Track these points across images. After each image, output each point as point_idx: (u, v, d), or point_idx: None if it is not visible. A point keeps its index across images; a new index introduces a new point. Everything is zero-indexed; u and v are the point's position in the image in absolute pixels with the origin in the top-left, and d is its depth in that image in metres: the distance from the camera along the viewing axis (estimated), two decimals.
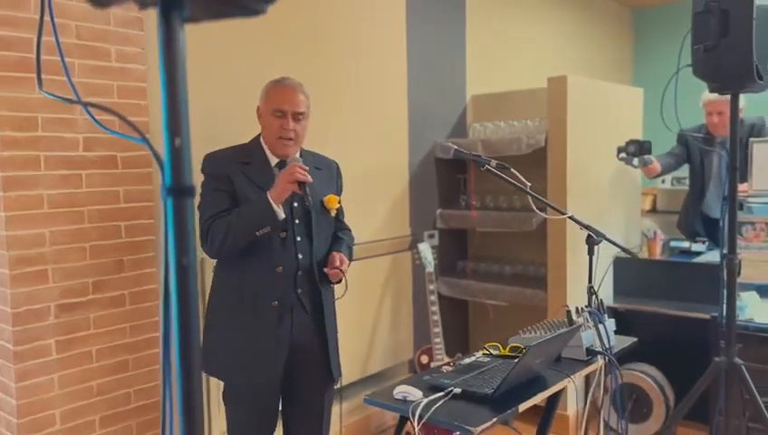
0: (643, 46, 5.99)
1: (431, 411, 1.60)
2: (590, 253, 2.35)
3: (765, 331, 2.99)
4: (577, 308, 2.08)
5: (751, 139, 3.17)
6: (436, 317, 3.31)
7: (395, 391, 1.73)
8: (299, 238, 2.15)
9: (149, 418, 2.47)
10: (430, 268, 3.39)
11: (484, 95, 4.06)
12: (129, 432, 2.40)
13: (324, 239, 2.24)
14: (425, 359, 3.43)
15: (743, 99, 3.48)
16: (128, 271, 2.37)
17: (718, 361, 2.71)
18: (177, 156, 0.89)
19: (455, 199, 3.95)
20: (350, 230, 2.43)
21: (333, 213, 2.25)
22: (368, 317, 3.48)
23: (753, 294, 3.19)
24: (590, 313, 2.05)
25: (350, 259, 2.28)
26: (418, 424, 1.55)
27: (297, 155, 2.20)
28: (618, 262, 3.72)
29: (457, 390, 1.71)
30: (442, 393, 1.70)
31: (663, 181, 5.20)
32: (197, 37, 2.47)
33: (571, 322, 2.02)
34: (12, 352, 2.11)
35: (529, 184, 2.21)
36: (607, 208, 3.68)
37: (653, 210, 5.23)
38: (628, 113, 3.77)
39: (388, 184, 3.59)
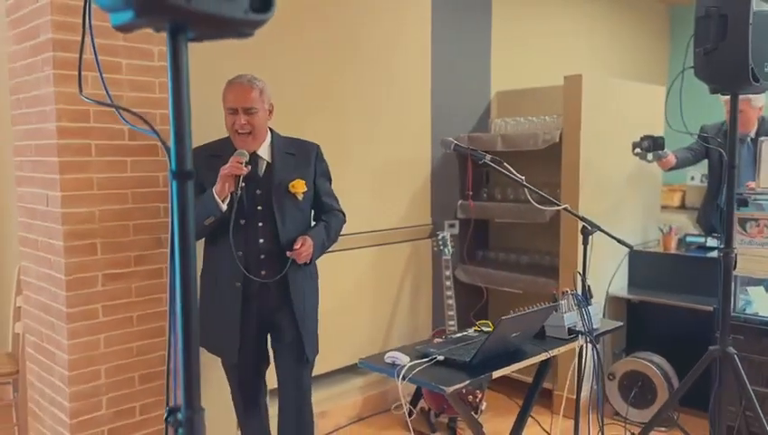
0: (679, 44, 5.99)
1: (413, 373, 1.83)
2: (585, 242, 2.52)
3: None
4: (563, 292, 2.26)
5: (760, 137, 3.24)
6: (451, 301, 3.52)
7: (385, 356, 1.96)
8: (260, 224, 2.33)
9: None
10: (447, 255, 3.59)
11: (508, 91, 4.22)
12: (162, 391, 2.71)
13: (293, 222, 2.37)
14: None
15: (762, 98, 3.57)
16: (165, 247, 2.67)
17: (712, 349, 2.83)
18: (181, 148, 1.15)
19: (477, 191, 4.13)
20: (340, 211, 2.56)
21: (300, 197, 2.37)
22: (387, 299, 3.72)
23: (761, 290, 3.28)
24: (573, 296, 2.22)
25: (328, 240, 2.44)
26: (402, 384, 1.78)
27: (266, 142, 2.39)
28: (633, 255, 3.85)
29: (440, 357, 1.93)
30: (426, 359, 1.92)
31: (692, 178, 5.24)
32: (240, 44, 2.75)
33: (556, 302, 2.20)
34: (65, 313, 2.43)
35: (523, 177, 2.38)
36: (622, 202, 3.80)
37: (681, 207, 5.28)
38: (650, 111, 3.87)
39: (410, 176, 3.81)
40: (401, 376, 1.83)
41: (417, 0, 3.78)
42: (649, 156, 3.40)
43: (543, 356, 2.05)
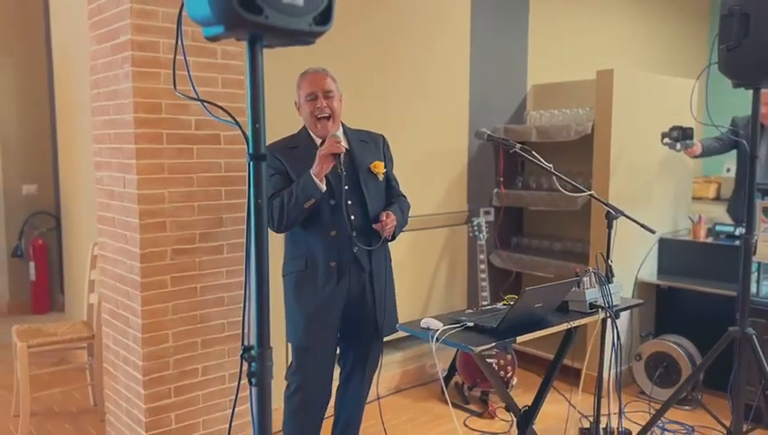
0: None
1: (445, 336, 2.07)
2: (609, 226, 2.72)
3: None
4: (586, 270, 2.47)
5: None
6: (485, 283, 3.74)
7: (421, 322, 2.21)
8: (350, 202, 2.45)
9: (239, 345, 3.07)
10: (482, 240, 3.81)
11: (543, 85, 4.40)
12: (223, 355, 3.01)
13: (377, 200, 2.52)
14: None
15: None
16: (226, 226, 2.97)
17: (732, 330, 2.99)
18: (257, 135, 1.42)
19: (512, 180, 4.34)
20: (404, 197, 2.71)
21: (381, 177, 2.54)
22: (424, 281, 3.96)
23: None
24: (594, 274, 2.42)
25: (404, 219, 2.60)
26: (435, 345, 2.03)
27: (340, 132, 2.51)
28: (662, 242, 4.00)
29: (470, 323, 2.17)
30: (458, 325, 2.16)
31: (728, 170, 5.32)
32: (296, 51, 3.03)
33: (579, 280, 2.41)
34: (139, 283, 2.75)
35: (550, 165, 2.59)
36: (653, 192, 3.95)
37: (717, 198, 5.37)
38: (681, 103, 3.99)
39: (448, 165, 4.04)
40: (435, 338, 2.08)
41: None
42: (678, 145, 3.54)
43: (565, 326, 2.26)
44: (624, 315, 3.85)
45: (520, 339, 2.12)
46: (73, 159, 4.36)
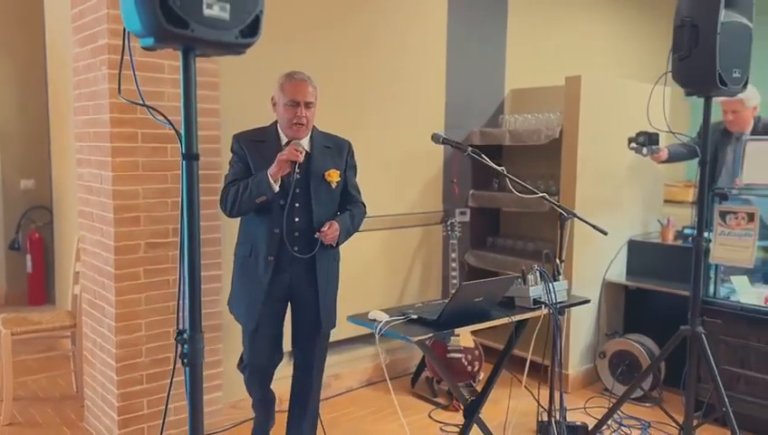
0: None
1: (388, 327, 2.21)
2: (561, 227, 2.83)
3: (748, 311, 3.30)
4: (531, 267, 2.58)
5: (745, 137, 3.46)
6: (455, 281, 3.86)
7: (369, 315, 2.34)
8: (297, 205, 2.59)
9: (211, 336, 3.22)
10: (454, 240, 3.94)
11: (520, 89, 4.52)
12: None
13: (325, 207, 2.66)
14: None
15: (756, 98, 3.77)
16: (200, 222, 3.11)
17: (683, 329, 3.10)
18: (189, 136, 1.55)
19: (488, 182, 4.46)
20: (362, 204, 2.84)
21: (334, 185, 2.67)
22: (399, 279, 4.09)
23: (744, 279, 3.50)
24: (539, 272, 2.54)
25: (352, 227, 2.72)
26: (378, 335, 2.17)
27: (307, 137, 2.66)
28: (632, 244, 4.11)
29: (414, 316, 2.30)
30: (402, 317, 2.30)
31: None
32: (268, 44, 3.17)
33: (524, 277, 2.53)
34: (113, 274, 2.90)
35: (502, 168, 2.71)
36: (622, 195, 4.06)
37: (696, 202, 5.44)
38: (654, 109, 4.09)
39: (425, 166, 4.16)
40: (378, 329, 2.21)
41: (433, 4, 4.12)
42: (644, 150, 3.64)
43: (505, 320, 2.39)
44: (590, 314, 3.97)
45: (458, 330, 2.25)
46: (64, 156, 4.52)
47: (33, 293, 5.66)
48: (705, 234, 3.57)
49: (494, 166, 2.71)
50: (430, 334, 2.17)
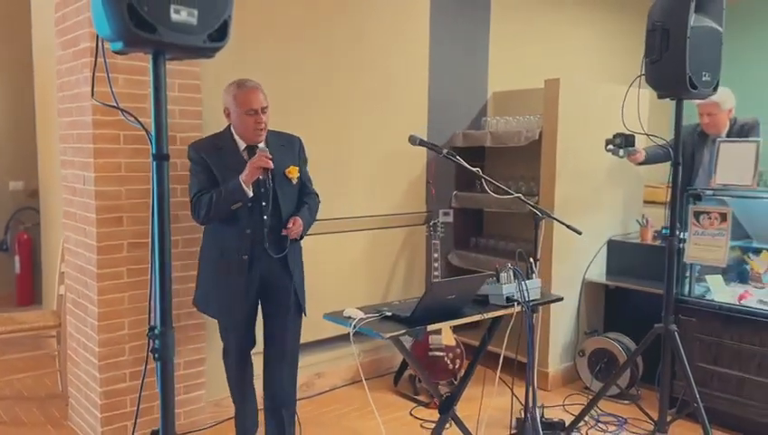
0: None
1: (362, 323, 2.26)
2: (536, 227, 2.90)
3: (722, 309, 3.37)
4: (504, 266, 2.64)
5: (718, 139, 3.53)
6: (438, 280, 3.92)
7: (344, 312, 2.39)
8: (264, 204, 2.73)
9: (194, 335, 3.26)
10: (437, 240, 3.99)
11: (503, 92, 4.59)
12: (178, 343, 3.18)
13: (290, 202, 2.83)
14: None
15: (731, 100, 3.84)
16: (181, 222, 3.16)
17: (657, 327, 3.16)
18: (159, 137, 1.60)
19: (471, 183, 4.51)
20: (315, 194, 2.99)
21: (294, 181, 2.83)
22: (383, 278, 4.14)
23: (719, 278, 3.57)
24: (513, 271, 2.60)
25: (311, 219, 2.90)
26: (352, 332, 2.22)
27: (264, 139, 2.79)
28: (611, 244, 4.18)
29: (388, 313, 2.36)
30: (376, 314, 2.35)
31: None
32: (252, 45, 3.24)
33: (497, 275, 2.59)
34: (96, 273, 2.95)
35: (477, 169, 2.77)
36: (602, 196, 4.12)
37: None
38: (628, 110, 4.15)
39: (408, 167, 4.22)
40: (353, 326, 2.27)
41: (417, 4, 4.18)
42: (621, 152, 3.70)
43: (478, 317, 2.44)
44: (570, 313, 4.03)
45: (430, 327, 2.31)
46: (51, 158, 4.56)
47: (22, 293, 5.68)
48: (682, 234, 3.65)
49: (469, 167, 2.76)
50: (402, 331, 2.22)
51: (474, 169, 2.79)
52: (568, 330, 4.04)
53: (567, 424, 3.32)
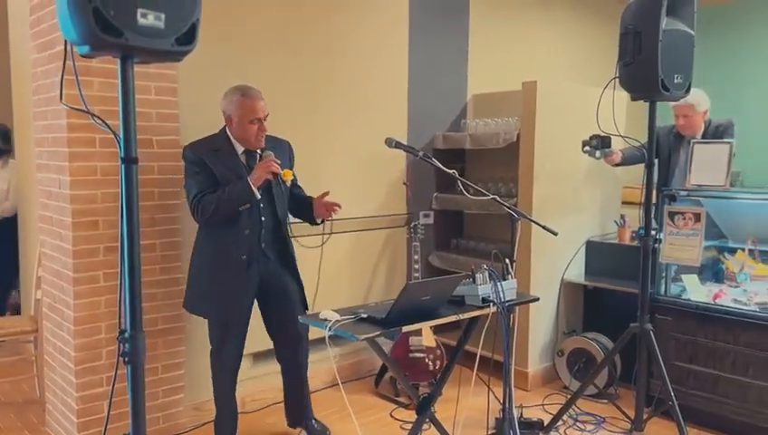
0: None
1: (337, 326, 2.27)
2: (512, 229, 2.92)
3: (697, 308, 3.41)
4: (480, 266, 2.66)
5: (693, 140, 3.58)
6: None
7: (320, 315, 2.40)
8: (262, 205, 2.84)
9: (173, 338, 3.25)
10: (417, 242, 4.01)
11: (482, 94, 4.62)
12: (156, 347, 3.19)
13: (284, 203, 2.95)
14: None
15: (706, 102, 3.89)
16: (159, 225, 3.15)
17: (633, 326, 3.20)
18: (128, 140, 1.61)
19: (451, 185, 4.53)
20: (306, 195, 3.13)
21: (289, 183, 2.92)
22: (364, 280, 4.15)
23: (694, 277, 3.61)
24: (488, 272, 2.62)
25: None
26: (328, 334, 2.23)
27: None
28: (589, 245, 4.21)
29: (364, 315, 2.37)
30: (352, 316, 2.36)
31: None
32: (236, 51, 3.25)
33: (473, 276, 2.61)
34: (72, 277, 2.93)
35: (453, 171, 2.79)
36: (581, 198, 4.16)
37: None
38: (605, 112, 4.20)
39: (389, 169, 4.23)
40: (328, 328, 2.27)
41: (396, 8, 4.20)
42: (597, 153, 3.73)
43: (453, 317, 2.46)
44: (549, 313, 4.06)
45: (405, 328, 2.32)
46: (28, 162, 4.52)
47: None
48: (658, 234, 3.69)
49: (445, 169, 2.78)
50: (377, 332, 2.23)
51: (450, 171, 2.81)
52: (547, 330, 4.07)
53: (546, 424, 3.35)
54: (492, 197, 2.87)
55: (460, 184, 2.86)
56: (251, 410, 3.63)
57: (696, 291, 3.54)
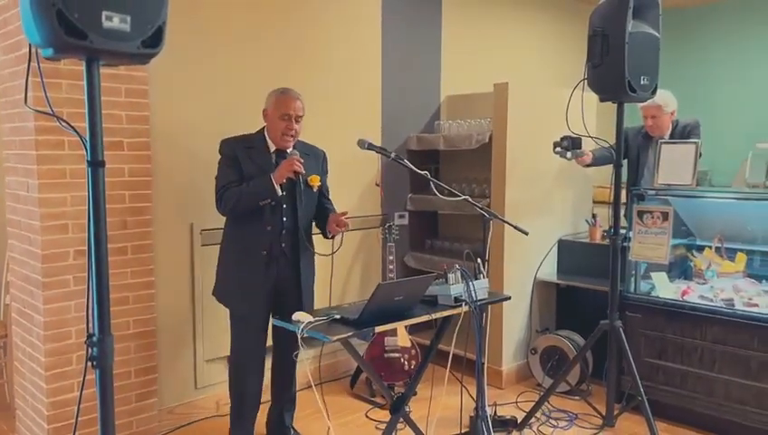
0: None
1: (310, 327, 2.27)
2: (484, 229, 2.95)
3: (665, 305, 3.48)
4: (452, 266, 2.68)
5: (661, 141, 3.65)
6: None
7: (293, 316, 2.40)
8: (284, 206, 2.91)
9: (145, 342, 3.22)
10: (392, 242, 4.02)
11: (456, 96, 4.65)
12: (128, 352, 3.16)
13: (307, 208, 3.00)
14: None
15: (673, 103, 3.96)
16: (130, 229, 3.13)
17: (603, 323, 3.26)
18: (94, 143, 1.60)
19: (426, 185, 4.56)
20: (332, 205, 3.19)
21: (315, 189, 2.99)
22: (339, 281, 4.15)
23: (663, 275, 3.68)
24: (460, 271, 2.65)
25: None
26: (300, 336, 2.24)
27: (292, 147, 2.95)
28: (561, 244, 4.27)
29: (337, 316, 2.38)
30: (325, 317, 2.37)
31: None
32: (207, 57, 3.23)
33: (445, 276, 2.63)
34: (41, 282, 2.89)
35: (425, 172, 2.81)
36: (552, 197, 4.22)
37: None
38: (575, 114, 4.26)
39: (363, 171, 4.24)
40: (301, 329, 2.28)
41: (368, 9, 4.21)
42: (568, 154, 3.79)
43: (426, 317, 2.49)
44: (522, 312, 4.10)
45: (378, 329, 2.33)
46: None
47: None
48: (628, 233, 3.75)
49: (417, 170, 2.81)
50: (349, 333, 2.24)
51: (422, 173, 2.83)
52: (520, 328, 4.11)
53: (519, 421, 3.39)
54: (464, 197, 2.90)
55: (433, 185, 2.88)
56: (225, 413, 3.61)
57: (665, 288, 3.61)
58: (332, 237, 3.04)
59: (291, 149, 2.96)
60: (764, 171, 3.98)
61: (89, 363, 1.64)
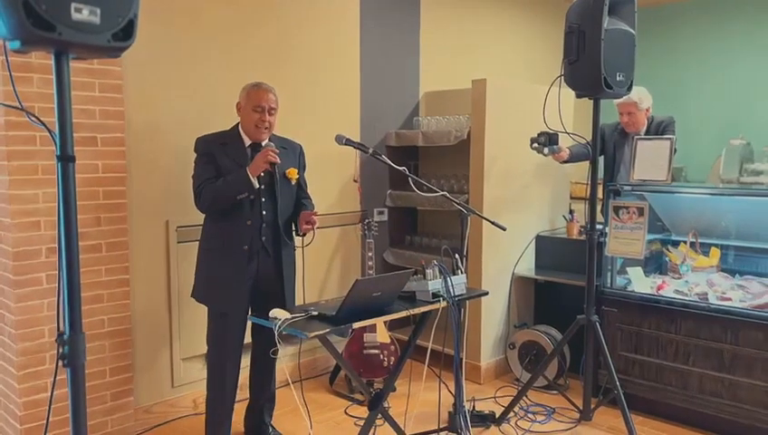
0: None
1: (287, 324, 2.26)
2: (462, 224, 2.96)
3: (640, 299, 3.52)
4: (430, 262, 2.69)
5: (636, 137, 3.68)
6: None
7: (270, 313, 2.38)
8: (264, 199, 2.89)
9: (121, 340, 3.18)
10: (370, 239, 4.02)
11: (434, 92, 4.66)
12: (103, 350, 3.12)
13: (286, 201, 2.98)
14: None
15: (648, 100, 4.00)
16: (104, 226, 3.08)
17: (580, 318, 3.28)
18: (64, 138, 1.56)
19: (405, 182, 4.55)
20: (310, 199, 3.18)
21: (294, 182, 2.99)
22: (318, 278, 4.14)
23: (639, 270, 3.72)
24: (438, 267, 2.65)
25: None
26: (278, 334, 2.22)
27: (267, 140, 2.93)
28: (539, 240, 4.30)
29: (315, 313, 2.36)
30: (302, 314, 2.35)
31: None
32: (185, 52, 3.19)
33: (424, 272, 2.63)
34: (12, 280, 2.83)
35: (404, 168, 2.81)
36: (531, 194, 4.24)
37: None
38: (556, 111, 4.28)
39: (342, 167, 4.22)
40: (278, 326, 2.26)
41: (346, 5, 4.19)
42: (545, 150, 3.81)
43: (404, 313, 2.48)
44: (501, 307, 4.13)
45: (356, 325, 2.33)
46: None
47: None
48: (604, 228, 3.78)
49: (395, 166, 2.80)
50: (327, 330, 2.23)
51: (400, 168, 2.82)
52: (499, 323, 4.14)
53: (497, 416, 3.40)
54: (442, 193, 2.90)
55: (411, 181, 2.88)
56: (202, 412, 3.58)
57: (641, 283, 3.65)
58: (303, 235, 3.02)
59: (266, 141, 2.94)
60: (738, 167, 4.05)
61: (60, 362, 1.60)
